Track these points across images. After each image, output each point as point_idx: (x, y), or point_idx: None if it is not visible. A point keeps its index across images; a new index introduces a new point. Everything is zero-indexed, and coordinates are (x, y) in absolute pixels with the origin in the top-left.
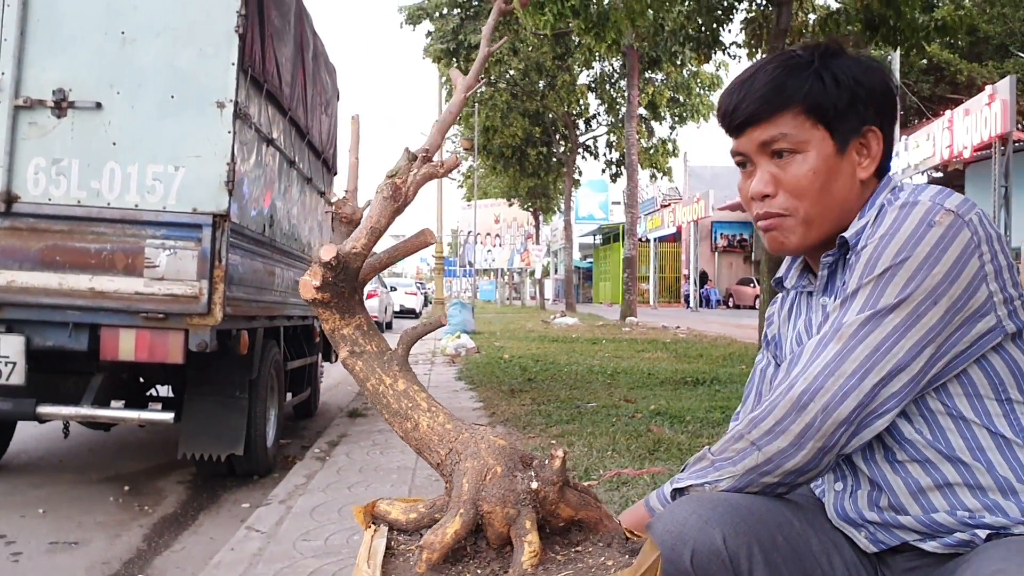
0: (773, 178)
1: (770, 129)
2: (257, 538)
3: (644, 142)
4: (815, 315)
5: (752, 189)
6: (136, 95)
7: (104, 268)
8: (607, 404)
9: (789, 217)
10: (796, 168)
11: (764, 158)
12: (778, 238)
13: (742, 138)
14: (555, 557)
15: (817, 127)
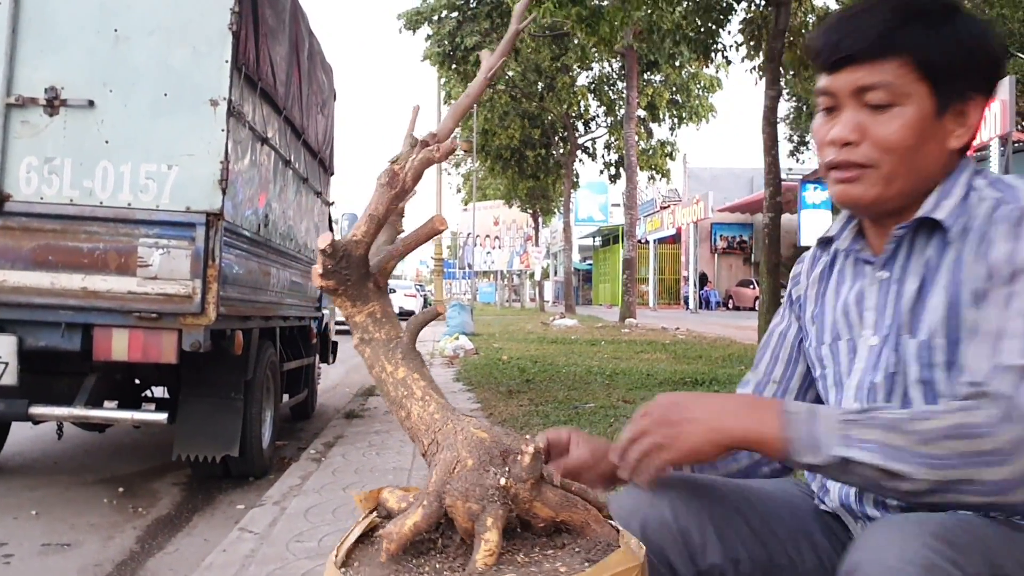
0: (860, 127)
1: (873, 74)
2: (250, 539)
3: (643, 144)
4: (870, 288)
5: (834, 134)
6: (129, 93)
7: (97, 267)
8: (605, 405)
9: (871, 169)
10: (889, 121)
11: (855, 103)
12: (851, 191)
13: (837, 76)
14: (515, 558)
15: (922, 82)
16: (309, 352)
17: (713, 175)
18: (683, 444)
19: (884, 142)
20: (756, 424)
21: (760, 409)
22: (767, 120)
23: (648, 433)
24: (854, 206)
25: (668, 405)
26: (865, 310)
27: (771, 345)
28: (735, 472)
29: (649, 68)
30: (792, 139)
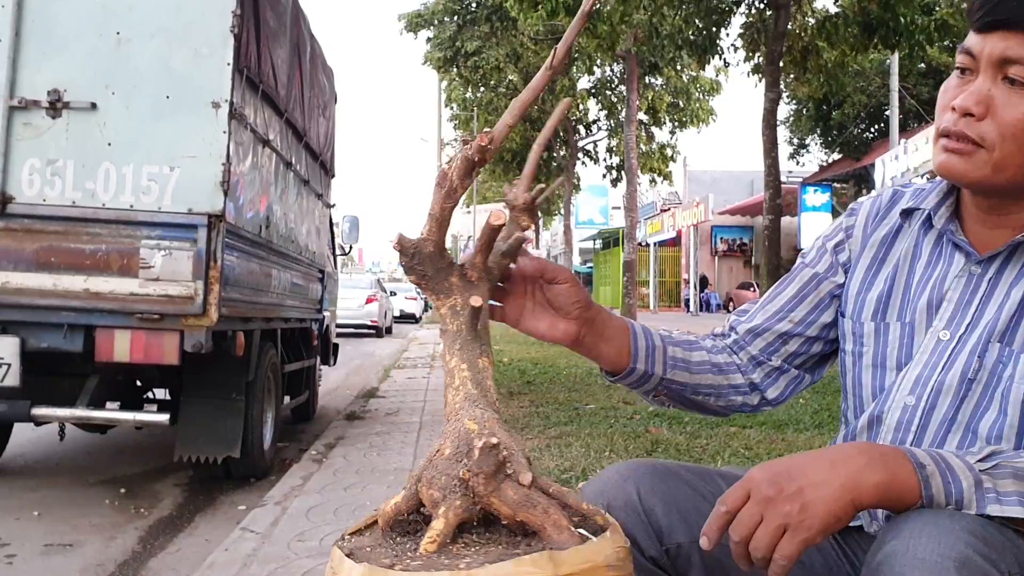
0: (988, 100)
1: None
2: (251, 539)
3: (644, 147)
4: (956, 278)
5: (960, 101)
6: (131, 96)
7: (99, 269)
8: (605, 406)
9: (982, 150)
10: (1022, 104)
11: (993, 74)
12: (956, 165)
13: (986, 38)
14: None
15: None
16: (310, 354)
17: (713, 178)
18: (816, 517)
19: (1009, 126)
20: (890, 478)
21: (893, 460)
22: (767, 123)
23: (762, 519)
24: (956, 180)
25: (772, 477)
26: (944, 300)
27: (799, 283)
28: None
29: (650, 72)
30: (792, 142)
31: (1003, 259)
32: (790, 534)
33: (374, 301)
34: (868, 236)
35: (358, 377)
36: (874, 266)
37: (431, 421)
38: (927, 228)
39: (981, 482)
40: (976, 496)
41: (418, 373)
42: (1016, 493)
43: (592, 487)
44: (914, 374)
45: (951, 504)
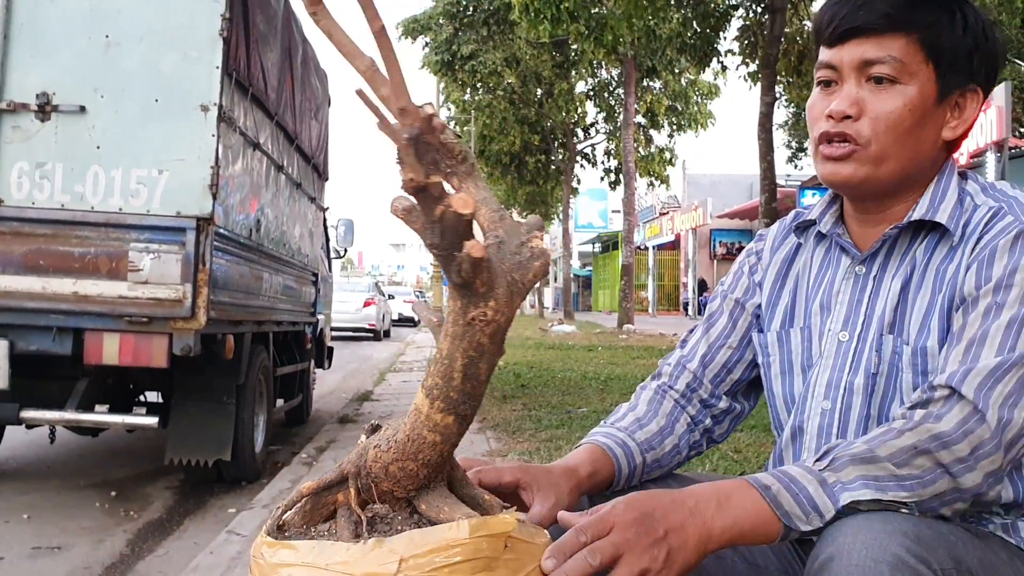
0: (859, 101)
1: (880, 48)
2: (237, 542)
3: (642, 150)
4: (844, 281)
5: (834, 108)
6: (120, 99)
7: (88, 272)
8: (598, 410)
9: (862, 149)
10: (891, 99)
11: (857, 78)
12: (841, 170)
13: (842, 48)
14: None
15: (927, 64)
16: (303, 357)
17: (712, 181)
18: (676, 565)
19: (883, 118)
20: (742, 513)
21: (738, 497)
22: (762, 127)
23: (628, 556)
24: (843, 185)
25: (638, 518)
26: (835, 303)
27: (727, 311)
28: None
29: (648, 75)
30: (790, 145)
31: (884, 255)
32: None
33: (372, 304)
34: (773, 254)
35: (354, 380)
36: (778, 282)
37: None
38: (819, 237)
39: (825, 480)
40: (826, 494)
41: (413, 377)
42: (859, 478)
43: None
44: (824, 378)
45: (808, 512)
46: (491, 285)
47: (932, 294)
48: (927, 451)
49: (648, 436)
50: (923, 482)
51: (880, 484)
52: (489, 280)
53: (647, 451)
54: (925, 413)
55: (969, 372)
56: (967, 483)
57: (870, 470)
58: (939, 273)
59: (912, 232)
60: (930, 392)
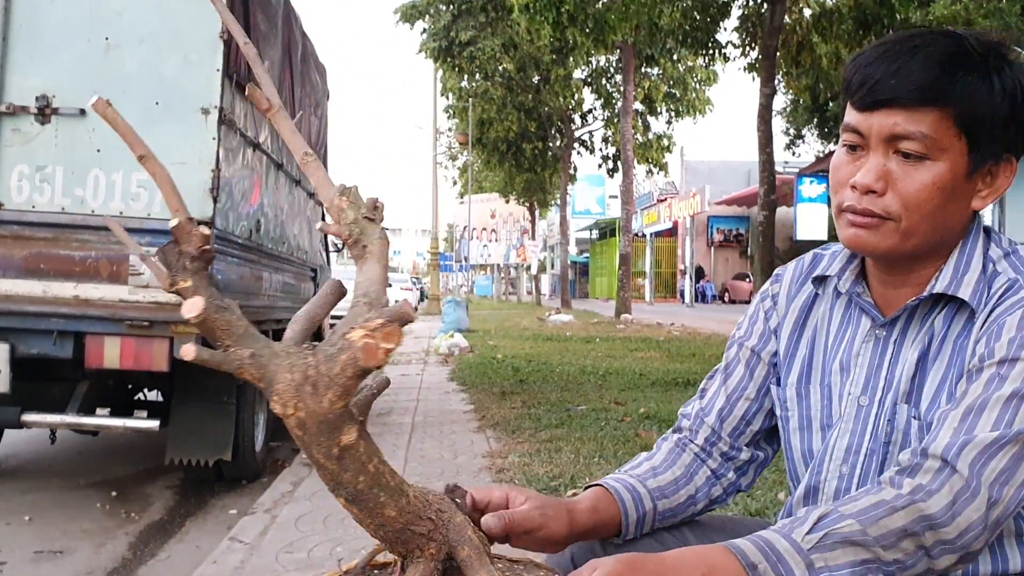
0: (886, 175)
1: (911, 123)
2: (240, 550)
3: (640, 137)
4: (864, 343)
5: (859, 180)
6: (120, 102)
7: (89, 276)
8: (597, 407)
9: (889, 222)
10: (920, 176)
11: (885, 149)
12: (866, 239)
13: (871, 116)
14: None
15: (960, 138)
16: None
17: (710, 168)
18: None
19: (911, 198)
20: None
21: (720, 569)
22: (762, 118)
23: None
24: (866, 253)
25: (623, 571)
26: (855, 365)
27: (744, 360)
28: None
29: (646, 62)
30: (788, 132)
31: (904, 320)
32: None
33: None
34: (790, 301)
35: None
36: (796, 332)
37: (423, 422)
38: (837, 293)
39: (812, 563)
40: (807, 571)
41: (411, 370)
42: (847, 564)
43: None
44: (844, 442)
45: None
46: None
47: (947, 368)
48: (915, 533)
49: (661, 484)
50: (903, 566)
51: (866, 569)
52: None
53: (659, 498)
54: (916, 486)
55: (966, 445)
56: (942, 564)
57: (859, 553)
58: (956, 347)
59: (933, 301)
60: (922, 459)
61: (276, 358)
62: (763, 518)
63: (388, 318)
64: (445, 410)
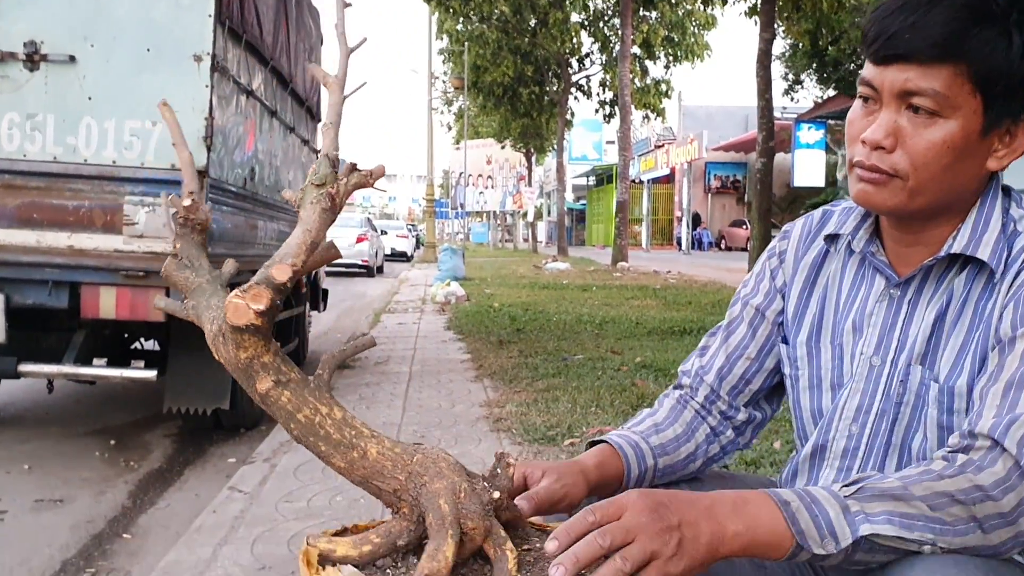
0: (897, 131)
1: (924, 78)
2: (239, 499)
3: (638, 82)
4: (878, 302)
5: (868, 136)
6: (111, 48)
7: (83, 225)
8: (594, 356)
9: (897, 179)
10: (930, 133)
11: (897, 104)
12: (873, 196)
13: (885, 70)
14: (524, 558)
15: (975, 96)
16: (299, 301)
17: (708, 113)
18: (685, 558)
19: (919, 156)
20: (758, 522)
21: (755, 506)
22: (761, 64)
23: (641, 537)
24: (874, 209)
25: (652, 505)
26: (868, 325)
27: (748, 319)
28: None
29: (644, 5)
30: (787, 78)
31: (920, 280)
32: (660, 563)
33: (365, 240)
34: (799, 260)
35: (348, 320)
36: (806, 290)
37: (420, 371)
38: (850, 251)
39: (848, 507)
40: (847, 520)
41: (408, 318)
42: (884, 512)
43: None
44: (855, 402)
45: (825, 535)
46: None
47: (968, 331)
48: (964, 502)
49: (663, 441)
50: (954, 531)
51: (907, 522)
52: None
53: (660, 455)
54: (967, 460)
55: (1012, 423)
56: (994, 540)
57: (899, 507)
58: (977, 310)
59: (950, 260)
60: (971, 439)
61: (207, 310)
62: (758, 469)
63: (257, 281)
64: (442, 359)
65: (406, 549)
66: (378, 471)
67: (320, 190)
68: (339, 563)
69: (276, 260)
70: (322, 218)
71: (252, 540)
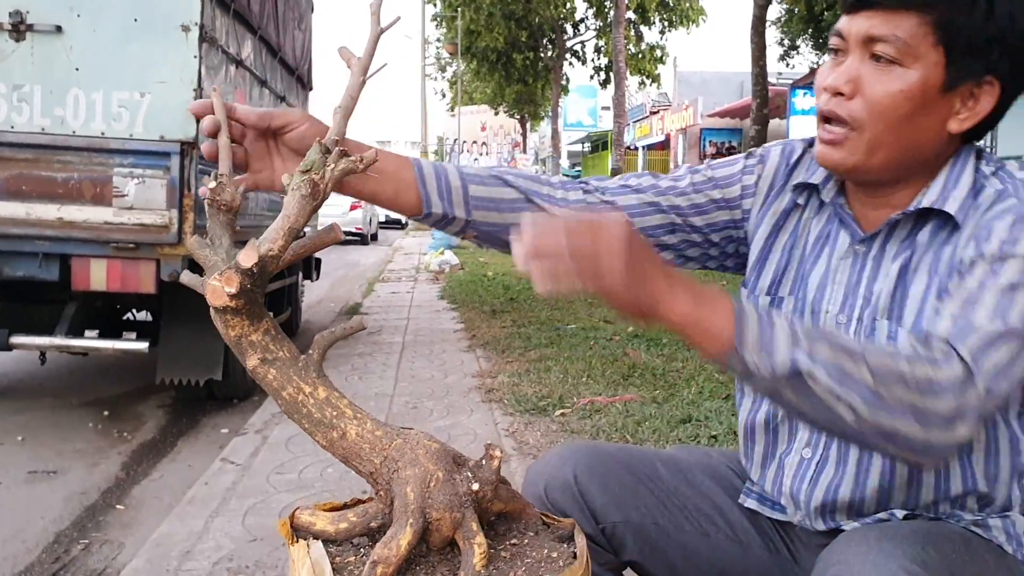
0: (856, 79)
1: (888, 25)
2: (232, 471)
3: (633, 48)
4: (842, 259)
5: (830, 81)
6: (98, 18)
7: (72, 198)
8: (586, 326)
9: (854, 133)
10: (888, 81)
11: (862, 53)
12: (832, 155)
13: (853, 18)
14: (499, 553)
15: (937, 48)
16: (292, 271)
17: (703, 79)
18: (627, 293)
19: (876, 103)
20: (705, 310)
21: (712, 296)
22: (755, 30)
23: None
24: (833, 169)
25: (617, 246)
26: (831, 282)
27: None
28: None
29: None
30: (783, 43)
31: (884, 236)
32: (582, 279)
33: (358, 208)
34: (769, 202)
35: (342, 289)
36: (771, 235)
37: (413, 342)
38: (819, 203)
39: (798, 339)
40: (788, 348)
41: (402, 287)
42: (829, 360)
43: (535, 468)
44: None
45: (760, 350)
46: None
47: (929, 276)
48: (913, 389)
49: (484, 177)
50: (890, 411)
51: (844, 382)
52: None
53: (472, 183)
54: (929, 355)
55: (968, 333)
56: (932, 438)
57: (845, 363)
58: (937, 256)
59: (917, 217)
60: (928, 338)
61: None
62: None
63: (229, 265)
64: (435, 329)
65: (380, 530)
66: (356, 452)
67: (305, 176)
68: (317, 536)
69: (256, 244)
70: (301, 204)
71: (244, 512)
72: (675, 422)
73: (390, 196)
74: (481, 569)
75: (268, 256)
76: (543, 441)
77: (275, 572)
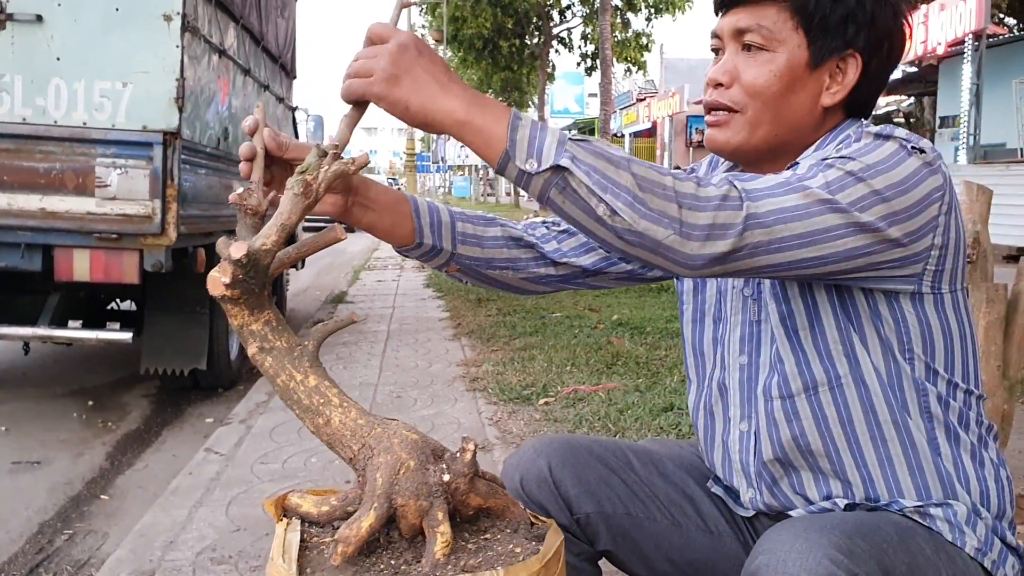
0: (732, 69)
1: (751, 17)
2: (216, 461)
3: (619, 35)
4: None
5: (710, 74)
6: (78, 7)
7: (54, 188)
8: (571, 314)
9: (737, 114)
10: (759, 65)
11: (734, 46)
12: (717, 136)
13: (723, 18)
14: (465, 546)
15: (798, 31)
16: None
17: (690, 66)
18: (400, 96)
19: (750, 85)
20: (480, 116)
21: (490, 105)
22: None
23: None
24: (721, 151)
25: (406, 48)
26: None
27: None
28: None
29: None
30: None
31: None
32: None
33: None
34: None
35: (328, 277)
36: None
37: (398, 331)
38: None
39: (565, 145)
40: (555, 151)
41: (388, 276)
42: (593, 165)
43: (510, 462)
44: (736, 334)
45: (531, 155)
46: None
47: None
48: (675, 201)
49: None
50: (649, 216)
51: (605, 184)
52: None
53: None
54: (700, 178)
55: (754, 181)
56: (681, 248)
57: (608, 169)
58: None
59: None
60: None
61: None
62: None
63: (225, 258)
64: (421, 317)
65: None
66: (338, 439)
67: (299, 176)
68: (303, 518)
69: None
70: (294, 202)
71: (227, 502)
72: (657, 410)
73: (387, 227)
74: (441, 557)
75: (260, 249)
76: (526, 430)
77: (258, 562)
